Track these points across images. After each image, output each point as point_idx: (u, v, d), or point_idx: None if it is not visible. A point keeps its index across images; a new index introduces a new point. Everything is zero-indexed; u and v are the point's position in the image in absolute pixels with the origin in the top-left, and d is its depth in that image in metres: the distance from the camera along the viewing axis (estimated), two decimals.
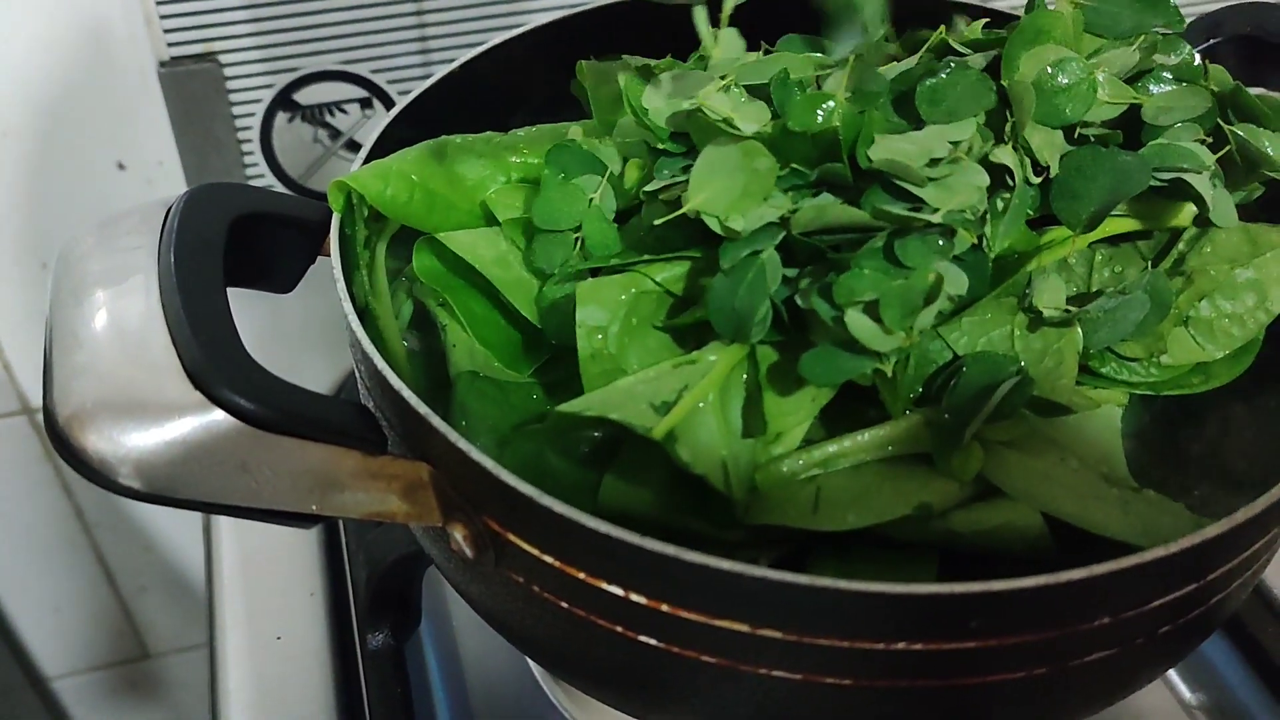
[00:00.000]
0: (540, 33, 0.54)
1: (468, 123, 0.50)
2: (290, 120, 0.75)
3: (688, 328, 0.42)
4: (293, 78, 0.73)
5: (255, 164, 0.76)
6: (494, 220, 0.46)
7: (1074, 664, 0.37)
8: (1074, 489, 0.40)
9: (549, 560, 0.37)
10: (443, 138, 0.48)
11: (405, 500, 0.39)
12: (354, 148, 0.77)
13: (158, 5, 0.68)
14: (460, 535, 0.39)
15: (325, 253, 0.45)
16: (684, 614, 0.35)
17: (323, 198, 0.45)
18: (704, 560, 0.33)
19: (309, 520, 0.39)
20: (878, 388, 0.40)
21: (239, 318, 0.39)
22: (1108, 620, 0.36)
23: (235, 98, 0.73)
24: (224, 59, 0.71)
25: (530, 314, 0.44)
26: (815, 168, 0.40)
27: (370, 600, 0.59)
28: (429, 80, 0.51)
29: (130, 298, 0.39)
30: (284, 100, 0.74)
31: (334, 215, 0.44)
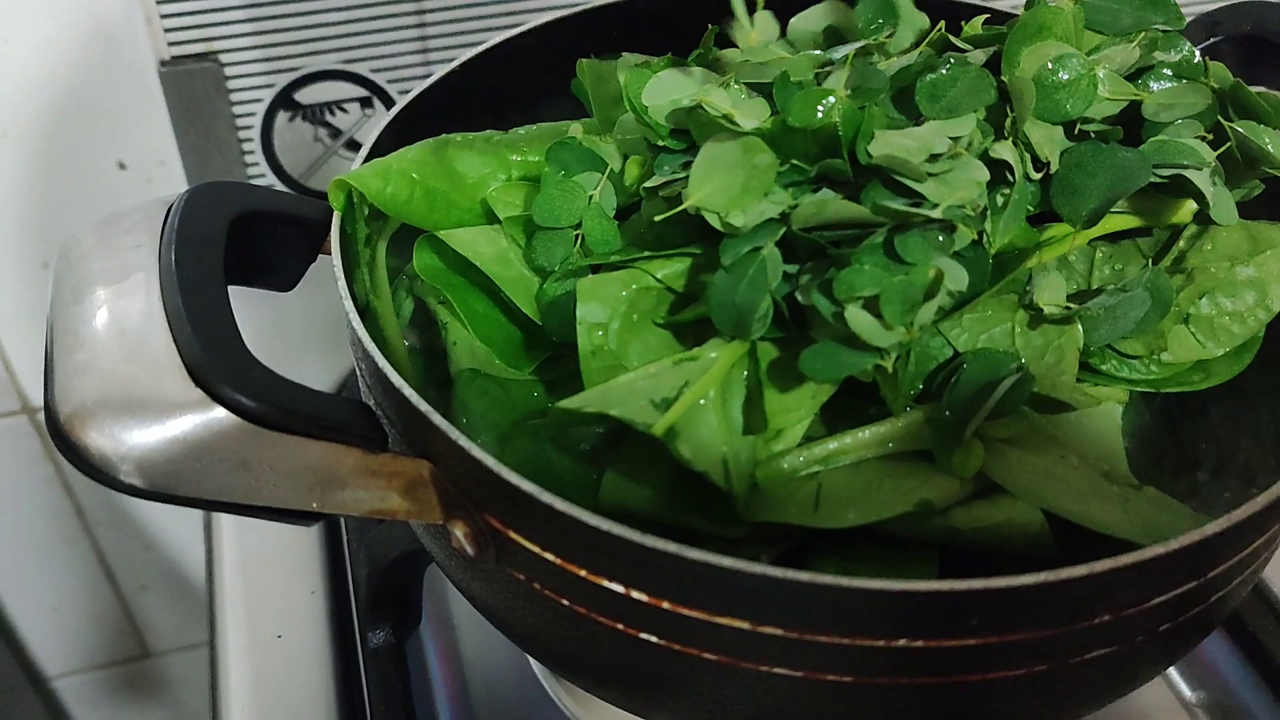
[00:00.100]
0: (540, 32, 0.54)
1: (468, 121, 0.50)
2: (291, 119, 0.75)
3: (688, 324, 0.42)
4: (293, 77, 0.73)
5: (256, 163, 0.76)
6: (494, 218, 0.46)
7: (1074, 661, 0.37)
8: (1074, 486, 0.40)
9: (550, 557, 0.37)
10: (443, 136, 0.48)
11: (406, 498, 0.39)
12: (354, 147, 0.77)
13: (158, 5, 0.68)
14: (461, 533, 0.39)
15: (326, 251, 0.45)
16: (685, 611, 0.35)
17: (323, 196, 0.45)
18: (705, 557, 0.33)
19: (310, 518, 0.39)
20: (878, 384, 0.40)
21: (240, 316, 0.39)
22: (1108, 618, 0.36)
23: (236, 97, 0.73)
24: (225, 58, 0.71)
25: (531, 311, 0.44)
26: (815, 163, 0.40)
27: (371, 598, 0.59)
28: (429, 80, 0.51)
29: (131, 296, 0.39)
30: (284, 99, 0.74)
31: (335, 213, 0.44)
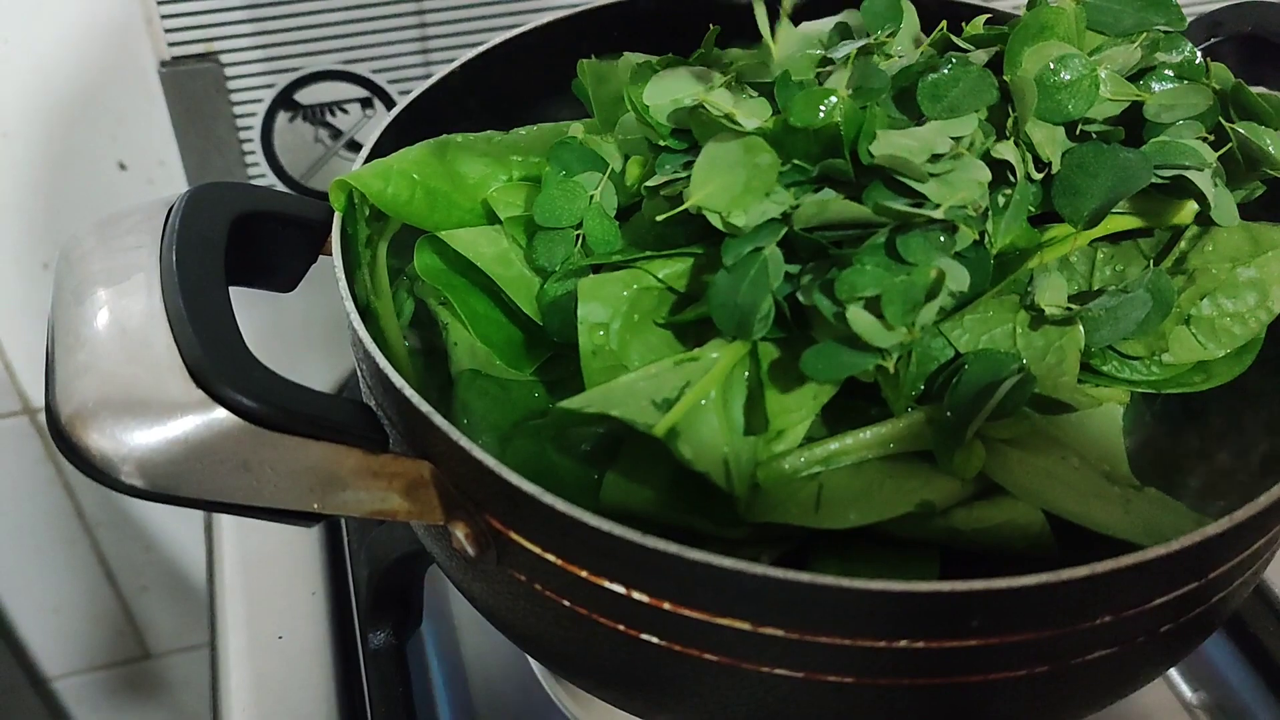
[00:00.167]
0: (540, 32, 0.54)
1: (468, 122, 0.50)
2: (291, 120, 0.75)
3: (689, 324, 0.42)
4: (294, 77, 0.73)
5: (256, 163, 0.76)
6: (495, 218, 0.46)
7: (1075, 662, 0.37)
8: (1076, 487, 0.40)
9: (551, 558, 0.37)
10: (444, 137, 0.48)
11: (407, 499, 0.39)
12: (355, 147, 0.77)
13: (158, 5, 0.68)
14: (462, 533, 0.39)
15: (327, 252, 0.45)
16: (686, 612, 0.35)
17: (324, 197, 0.45)
18: (706, 558, 0.33)
19: (310, 519, 0.39)
20: (879, 385, 0.40)
21: (240, 316, 0.39)
22: (1109, 618, 0.36)
23: (236, 97, 0.73)
24: (225, 59, 0.71)
25: (532, 311, 0.44)
26: (817, 163, 0.40)
27: (372, 599, 0.59)
28: (429, 80, 0.51)
29: (132, 296, 0.39)
30: (285, 100, 0.74)
31: (335, 214, 0.44)
